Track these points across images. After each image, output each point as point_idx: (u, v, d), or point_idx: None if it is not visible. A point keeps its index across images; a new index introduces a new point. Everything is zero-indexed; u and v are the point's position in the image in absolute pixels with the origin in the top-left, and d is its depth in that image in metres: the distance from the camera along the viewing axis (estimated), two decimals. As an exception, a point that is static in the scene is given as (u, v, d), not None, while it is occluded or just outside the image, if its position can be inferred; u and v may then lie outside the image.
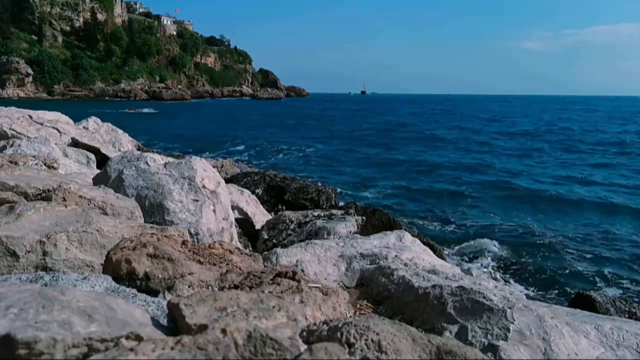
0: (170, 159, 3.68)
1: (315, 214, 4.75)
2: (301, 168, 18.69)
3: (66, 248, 1.76)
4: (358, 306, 2.23)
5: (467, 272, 2.88)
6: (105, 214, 2.31)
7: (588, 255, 9.07)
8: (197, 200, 3.28)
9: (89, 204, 2.32)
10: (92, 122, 7.33)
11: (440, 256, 4.92)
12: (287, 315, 1.17)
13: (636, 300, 5.21)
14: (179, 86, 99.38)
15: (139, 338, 0.96)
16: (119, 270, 1.53)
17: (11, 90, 72.94)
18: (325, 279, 2.56)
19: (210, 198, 3.38)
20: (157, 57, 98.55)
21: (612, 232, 10.70)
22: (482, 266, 8.26)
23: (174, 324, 1.15)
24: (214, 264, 1.69)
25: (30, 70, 75.57)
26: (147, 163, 3.38)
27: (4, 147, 4.11)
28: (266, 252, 2.78)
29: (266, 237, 4.56)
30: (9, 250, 1.66)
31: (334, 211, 5.12)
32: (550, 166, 20.45)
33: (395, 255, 2.75)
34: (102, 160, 5.19)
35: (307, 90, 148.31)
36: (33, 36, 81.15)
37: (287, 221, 4.59)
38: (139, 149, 8.05)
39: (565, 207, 13.09)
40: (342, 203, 7.58)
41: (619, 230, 10.87)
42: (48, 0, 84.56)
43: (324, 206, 6.59)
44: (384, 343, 1.07)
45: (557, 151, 25.40)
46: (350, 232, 4.12)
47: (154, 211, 3.13)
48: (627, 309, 4.49)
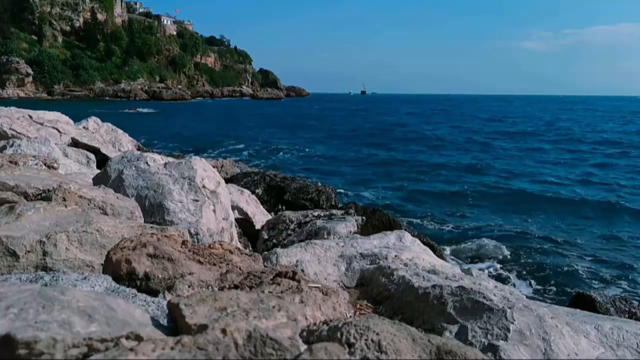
0: (170, 159, 3.67)
1: (315, 214, 4.75)
2: (301, 168, 18.70)
3: (66, 248, 1.76)
4: (358, 306, 2.23)
5: (467, 272, 2.88)
6: (105, 214, 2.31)
7: (588, 255, 9.08)
8: (197, 200, 3.28)
9: (89, 204, 2.32)
10: (92, 122, 7.33)
11: (440, 256, 4.92)
12: (287, 315, 1.17)
13: (636, 300, 5.22)
14: (179, 86, 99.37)
15: (139, 338, 0.96)
16: (119, 270, 1.53)
17: (11, 90, 72.95)
18: (325, 279, 2.56)
19: (210, 198, 3.38)
20: (157, 57, 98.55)
21: (612, 232, 10.70)
22: (482, 266, 8.26)
23: (174, 324, 1.15)
24: (214, 264, 1.69)
25: (30, 70, 75.60)
26: (147, 163, 3.38)
27: (4, 147, 4.11)
28: (266, 252, 2.78)
29: (266, 237, 4.55)
30: (9, 250, 1.66)
31: (334, 211, 5.11)
32: (550, 166, 20.46)
33: (395, 255, 2.75)
34: (102, 160, 5.19)
35: (307, 90, 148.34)
36: (33, 36, 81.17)
37: (287, 221, 4.59)
38: (139, 149, 8.05)
39: (565, 207, 13.10)
40: (342, 203, 7.58)
41: (619, 230, 10.88)
42: (48, 0, 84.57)
43: (324, 206, 6.58)
44: (384, 343, 1.07)
45: (557, 151, 25.41)
46: (350, 232, 4.11)
47: (154, 211, 3.13)
48: (627, 309, 4.49)
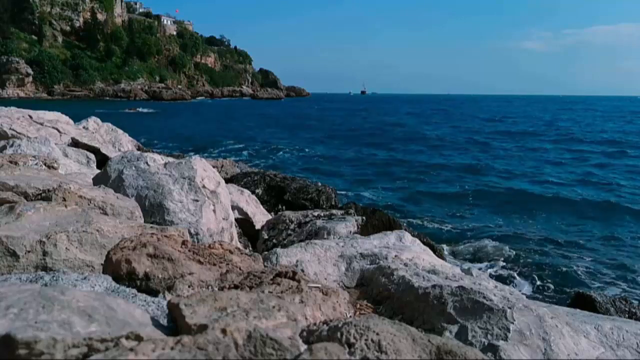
0: (170, 159, 3.67)
1: (315, 214, 4.75)
2: (301, 168, 18.70)
3: (66, 248, 1.76)
4: (358, 306, 2.23)
5: (467, 272, 2.88)
6: (105, 214, 2.30)
7: (588, 255, 9.08)
8: (197, 200, 3.28)
9: (89, 204, 2.32)
10: (92, 122, 7.33)
11: (440, 256, 4.92)
12: (287, 315, 1.17)
13: (636, 300, 5.22)
14: (179, 86, 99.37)
15: (139, 338, 0.96)
16: (119, 270, 1.53)
17: (11, 90, 72.97)
18: (325, 279, 2.56)
19: (210, 198, 3.38)
20: (157, 57, 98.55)
21: (612, 232, 10.71)
22: (482, 266, 8.26)
23: (174, 324, 1.15)
24: (214, 264, 1.69)
25: (30, 70, 75.62)
26: (147, 163, 3.38)
27: (4, 147, 4.11)
28: (266, 252, 2.78)
29: (266, 237, 4.55)
30: (9, 250, 1.66)
31: (334, 211, 5.11)
32: (550, 166, 20.47)
33: (395, 255, 2.75)
34: (102, 160, 5.19)
35: (307, 90, 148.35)
36: (33, 36, 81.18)
37: (287, 221, 4.59)
38: (139, 149, 8.05)
39: (565, 207, 13.10)
40: (342, 203, 7.58)
41: (619, 230, 10.88)
42: (48, 0, 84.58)
43: (324, 206, 6.58)
44: (384, 343, 1.07)
45: (557, 151, 25.41)
46: (350, 232, 4.11)
47: (154, 211, 3.13)
48: (627, 309, 4.49)
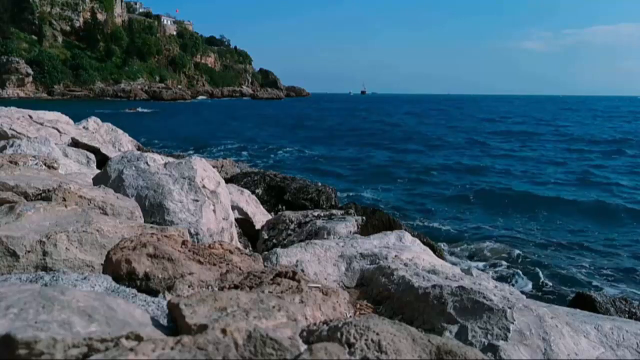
0: (170, 159, 3.67)
1: (315, 214, 4.75)
2: (301, 168, 18.69)
3: (66, 248, 1.76)
4: (358, 306, 2.23)
5: (467, 272, 2.88)
6: (105, 214, 2.30)
7: (588, 255, 9.08)
8: (197, 200, 3.28)
9: (89, 204, 2.32)
10: (92, 122, 7.33)
11: (440, 256, 4.91)
12: (287, 315, 1.17)
13: (636, 300, 5.22)
14: (179, 86, 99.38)
15: (139, 338, 0.96)
16: (119, 270, 1.53)
17: (11, 90, 72.97)
18: (325, 279, 2.56)
19: (210, 198, 3.38)
20: (157, 57, 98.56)
21: (612, 232, 10.71)
22: (482, 266, 8.26)
23: (174, 324, 1.15)
24: (214, 264, 1.69)
25: (30, 70, 75.63)
26: (147, 163, 3.38)
27: (4, 147, 4.11)
28: (266, 252, 2.78)
29: (266, 237, 4.55)
30: (9, 250, 1.66)
31: (334, 211, 5.11)
32: (550, 166, 20.46)
33: (395, 255, 2.75)
34: (102, 160, 5.19)
35: (307, 90, 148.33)
36: (33, 36, 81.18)
37: (287, 221, 4.59)
38: (139, 149, 8.05)
39: (565, 207, 13.10)
40: (342, 203, 7.58)
41: (619, 230, 10.88)
42: (48, 0, 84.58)
43: (324, 206, 6.58)
44: (384, 343, 1.07)
45: (557, 151, 25.41)
46: (350, 232, 4.11)
47: (154, 211, 3.12)
48: (627, 309, 4.48)
